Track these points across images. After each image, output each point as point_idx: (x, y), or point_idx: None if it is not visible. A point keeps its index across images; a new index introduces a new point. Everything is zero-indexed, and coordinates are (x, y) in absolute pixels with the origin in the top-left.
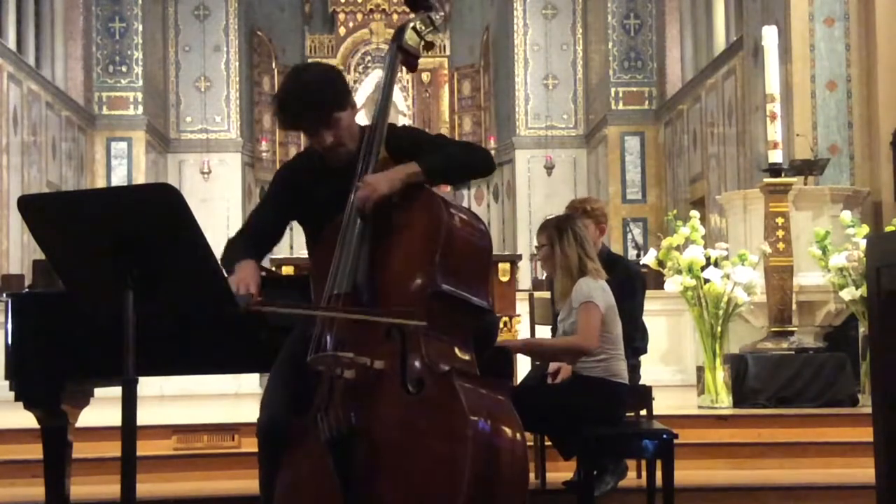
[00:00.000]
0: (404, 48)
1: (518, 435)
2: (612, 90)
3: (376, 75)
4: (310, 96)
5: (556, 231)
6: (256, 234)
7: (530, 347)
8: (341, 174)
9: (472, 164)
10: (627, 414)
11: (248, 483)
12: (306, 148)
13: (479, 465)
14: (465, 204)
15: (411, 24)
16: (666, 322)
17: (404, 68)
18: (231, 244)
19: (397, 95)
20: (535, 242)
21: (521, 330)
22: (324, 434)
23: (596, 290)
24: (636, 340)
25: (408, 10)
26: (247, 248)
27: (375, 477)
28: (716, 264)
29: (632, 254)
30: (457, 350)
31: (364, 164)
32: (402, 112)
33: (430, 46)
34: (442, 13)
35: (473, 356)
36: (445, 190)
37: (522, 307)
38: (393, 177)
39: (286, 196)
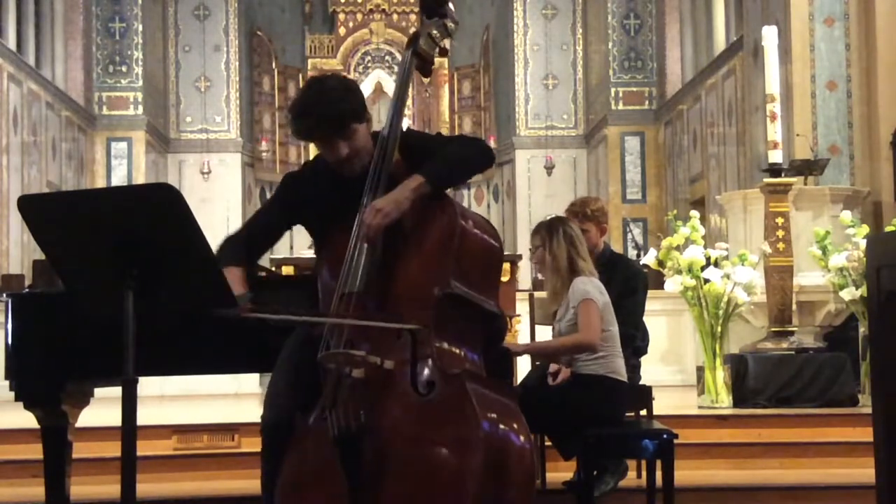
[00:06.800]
0: (420, 54)
1: (526, 438)
2: (612, 90)
3: (376, 75)
4: (330, 106)
5: (546, 232)
6: (253, 237)
7: (533, 350)
8: (353, 182)
9: (471, 160)
10: (627, 414)
11: (249, 483)
12: (316, 157)
13: (489, 468)
14: (464, 204)
15: (427, 31)
16: (666, 322)
17: (419, 74)
18: (226, 244)
19: None
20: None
21: (522, 330)
22: (333, 431)
23: (592, 287)
24: (637, 340)
25: (424, 16)
26: (237, 251)
27: (383, 477)
28: (716, 264)
29: (632, 254)
30: (467, 353)
31: (377, 170)
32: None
33: (444, 53)
34: (456, 21)
35: (482, 360)
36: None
37: (522, 307)
38: (400, 198)
39: (290, 204)
